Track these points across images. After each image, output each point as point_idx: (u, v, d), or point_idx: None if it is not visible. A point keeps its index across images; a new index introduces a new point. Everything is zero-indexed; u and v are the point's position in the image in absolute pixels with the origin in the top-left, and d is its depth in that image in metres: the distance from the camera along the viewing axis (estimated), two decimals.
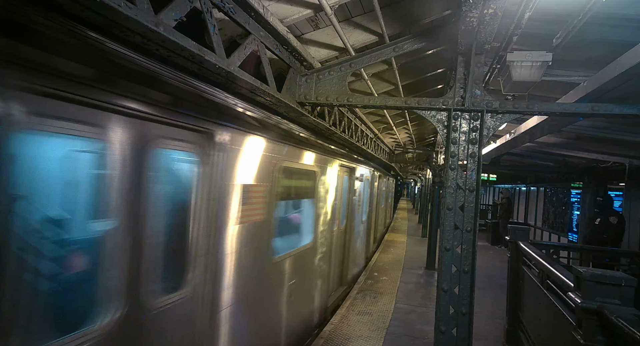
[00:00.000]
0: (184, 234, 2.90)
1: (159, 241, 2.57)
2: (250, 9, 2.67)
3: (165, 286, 2.68)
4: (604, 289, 2.84)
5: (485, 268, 10.50)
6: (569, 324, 3.21)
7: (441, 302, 3.41)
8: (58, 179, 2.59)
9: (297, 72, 3.65)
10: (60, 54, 1.72)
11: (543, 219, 15.59)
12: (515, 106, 3.36)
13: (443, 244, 3.45)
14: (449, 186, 3.44)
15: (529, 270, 5.17)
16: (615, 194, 11.03)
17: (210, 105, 2.91)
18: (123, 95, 2.11)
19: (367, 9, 3.99)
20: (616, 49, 3.44)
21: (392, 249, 13.52)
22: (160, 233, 2.58)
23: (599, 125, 6.28)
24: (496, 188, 23.97)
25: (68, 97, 1.82)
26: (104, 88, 1.99)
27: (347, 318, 6.55)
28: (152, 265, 2.48)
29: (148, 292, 2.44)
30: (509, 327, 5.77)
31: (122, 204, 2.22)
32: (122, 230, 2.23)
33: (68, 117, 1.89)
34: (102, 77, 1.97)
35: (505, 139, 7.99)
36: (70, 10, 1.55)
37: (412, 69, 6.11)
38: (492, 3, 2.45)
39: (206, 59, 2.27)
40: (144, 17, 1.74)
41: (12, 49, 1.52)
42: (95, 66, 1.91)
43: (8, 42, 1.50)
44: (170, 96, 2.49)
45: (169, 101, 2.48)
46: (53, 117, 1.82)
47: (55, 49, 1.68)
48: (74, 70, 1.80)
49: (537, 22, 3.54)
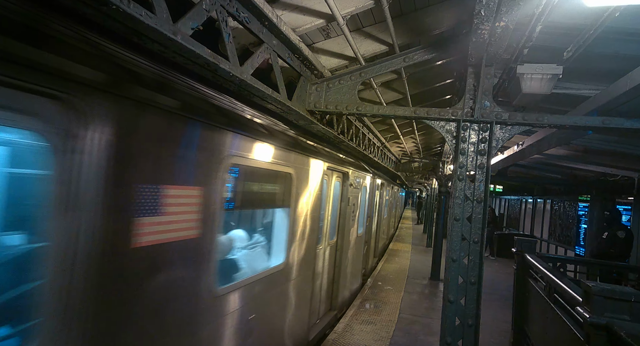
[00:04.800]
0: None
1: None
2: (264, 19, 2.72)
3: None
4: (614, 304, 2.81)
5: (490, 280, 10.40)
6: (577, 339, 3.18)
7: (447, 313, 3.39)
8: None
9: (307, 80, 3.69)
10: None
11: (549, 231, 15.44)
12: (525, 118, 3.37)
13: (450, 254, 3.44)
14: (457, 197, 3.44)
15: (535, 283, 5.12)
16: (624, 209, 10.91)
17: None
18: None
19: (379, 19, 4.03)
20: (627, 63, 3.44)
21: (397, 258, 13.44)
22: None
23: (609, 138, 6.26)
24: (502, 199, 23.81)
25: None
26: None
27: (351, 327, 6.51)
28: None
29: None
30: (514, 341, 5.70)
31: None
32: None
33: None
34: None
35: (513, 150, 7.97)
36: (94, 19, 1.59)
37: (421, 79, 6.13)
38: (504, 16, 2.47)
39: (221, 67, 2.31)
40: (163, 26, 1.78)
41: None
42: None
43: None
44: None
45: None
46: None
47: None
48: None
49: (547, 35, 3.56)
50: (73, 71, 1.68)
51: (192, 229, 2.62)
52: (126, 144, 1.99)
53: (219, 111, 2.85)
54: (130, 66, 2.05)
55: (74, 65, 1.70)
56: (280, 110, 3.43)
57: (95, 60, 1.83)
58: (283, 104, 3.22)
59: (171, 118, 2.32)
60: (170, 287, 2.47)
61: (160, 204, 2.29)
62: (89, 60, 1.79)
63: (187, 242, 2.58)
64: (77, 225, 1.77)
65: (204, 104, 2.68)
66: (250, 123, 3.33)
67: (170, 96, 2.31)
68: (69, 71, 1.67)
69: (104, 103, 1.84)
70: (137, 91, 2.04)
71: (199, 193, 2.68)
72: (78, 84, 1.71)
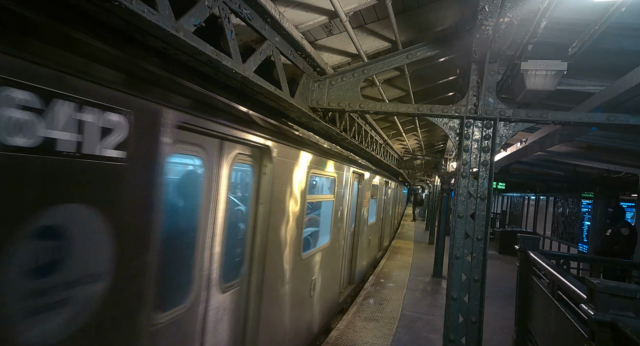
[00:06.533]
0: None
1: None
2: (267, 15, 2.70)
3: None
4: (618, 301, 2.79)
5: (494, 277, 10.39)
6: (581, 336, 3.17)
7: (450, 310, 3.38)
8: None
9: (310, 77, 3.67)
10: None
11: (552, 229, 15.41)
12: (529, 114, 3.35)
13: (453, 252, 3.43)
14: (461, 194, 3.42)
15: (538, 280, 5.11)
16: (627, 205, 10.87)
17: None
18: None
19: (381, 16, 4.01)
20: (633, 59, 3.41)
21: (399, 255, 13.44)
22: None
23: (612, 135, 6.22)
24: (504, 196, 23.75)
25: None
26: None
27: (353, 324, 6.52)
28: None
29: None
30: (517, 338, 5.70)
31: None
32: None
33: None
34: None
35: (516, 147, 7.94)
36: (96, 16, 1.58)
37: (424, 76, 6.11)
38: (508, 12, 2.44)
39: (223, 64, 2.29)
40: (165, 23, 1.77)
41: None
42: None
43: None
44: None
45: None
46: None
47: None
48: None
49: (552, 31, 3.53)
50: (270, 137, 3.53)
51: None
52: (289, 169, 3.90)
53: (310, 142, 4.53)
54: (287, 132, 3.94)
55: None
56: (282, 107, 3.42)
57: (278, 134, 3.72)
58: (285, 102, 3.21)
59: (297, 150, 4.26)
60: (288, 252, 4.30)
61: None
62: (278, 134, 3.72)
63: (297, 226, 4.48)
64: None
65: (309, 141, 4.51)
66: (320, 146, 4.95)
67: (295, 141, 4.15)
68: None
69: (275, 148, 3.66)
70: (289, 141, 4.01)
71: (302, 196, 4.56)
72: (273, 141, 3.59)
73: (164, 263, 2.40)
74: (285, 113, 3.65)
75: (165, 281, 2.48)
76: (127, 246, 2.00)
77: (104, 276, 1.87)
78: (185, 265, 2.81)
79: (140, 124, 2.02)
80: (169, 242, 2.54)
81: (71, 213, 1.67)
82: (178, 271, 2.77)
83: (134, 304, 2.10)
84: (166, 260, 2.47)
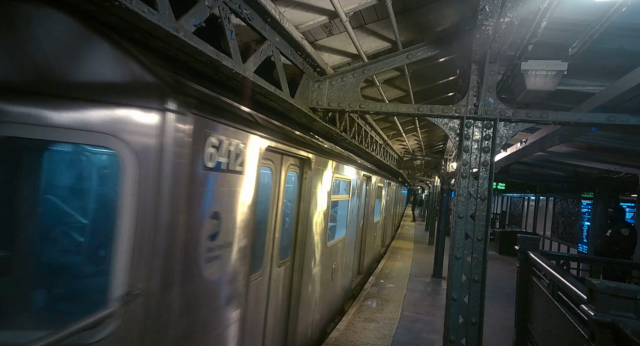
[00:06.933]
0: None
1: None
2: (267, 16, 2.70)
3: None
4: (619, 302, 2.79)
5: (494, 278, 10.38)
6: (581, 337, 3.16)
7: (450, 311, 3.38)
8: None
9: (310, 78, 3.67)
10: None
11: (552, 229, 15.40)
12: (529, 114, 3.34)
13: (453, 252, 3.42)
14: (461, 194, 3.42)
15: (538, 281, 5.10)
16: (627, 206, 10.87)
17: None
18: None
19: (382, 16, 4.00)
20: (633, 59, 3.41)
21: (399, 256, 13.44)
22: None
23: (612, 135, 6.22)
24: (504, 196, 23.74)
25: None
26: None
27: (353, 324, 6.51)
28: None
29: None
30: (517, 338, 5.69)
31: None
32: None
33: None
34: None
35: (516, 147, 7.94)
36: (97, 16, 1.58)
37: (424, 76, 6.10)
38: (508, 12, 2.44)
39: (223, 64, 2.29)
40: (165, 23, 1.77)
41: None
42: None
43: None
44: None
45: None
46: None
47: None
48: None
49: (553, 31, 3.53)
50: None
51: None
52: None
53: (334, 152, 5.31)
54: (320, 145, 4.82)
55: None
56: (282, 108, 3.41)
57: (315, 148, 4.62)
58: (286, 102, 3.20)
59: (325, 159, 5.08)
60: (319, 240, 5.32)
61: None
62: (315, 148, 4.62)
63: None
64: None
65: (334, 151, 5.17)
66: (341, 155, 5.73)
67: (324, 152, 5.00)
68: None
69: (313, 158, 4.58)
70: (321, 152, 4.91)
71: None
72: (312, 153, 4.52)
73: (255, 241, 3.44)
74: (315, 129, 4.48)
75: (254, 254, 3.47)
76: (244, 226, 3.09)
77: (233, 244, 2.97)
78: (262, 245, 3.92)
79: (249, 150, 3.09)
80: (257, 227, 3.52)
81: (223, 203, 2.77)
82: (259, 248, 3.83)
83: (245, 264, 3.22)
84: (256, 239, 3.49)
